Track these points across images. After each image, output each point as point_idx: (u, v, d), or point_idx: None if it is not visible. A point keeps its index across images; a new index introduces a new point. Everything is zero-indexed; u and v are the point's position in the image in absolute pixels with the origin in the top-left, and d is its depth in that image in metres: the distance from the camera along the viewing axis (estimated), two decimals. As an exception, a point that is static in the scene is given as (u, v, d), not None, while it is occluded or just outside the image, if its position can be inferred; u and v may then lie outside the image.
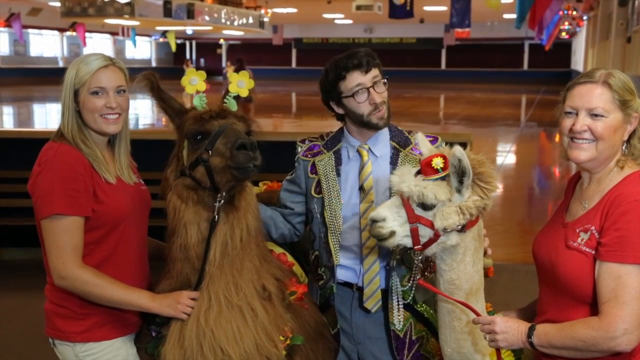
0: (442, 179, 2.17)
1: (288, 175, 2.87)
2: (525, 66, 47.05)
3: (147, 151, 3.08)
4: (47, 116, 22.32)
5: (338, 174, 2.73)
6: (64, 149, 2.37)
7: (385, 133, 2.76)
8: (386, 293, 2.69)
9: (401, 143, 2.75)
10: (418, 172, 2.22)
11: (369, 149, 2.73)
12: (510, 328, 2.14)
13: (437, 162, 2.17)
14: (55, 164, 2.34)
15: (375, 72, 2.65)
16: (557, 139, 17.52)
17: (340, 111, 2.73)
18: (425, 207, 2.17)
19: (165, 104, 2.45)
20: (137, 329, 2.55)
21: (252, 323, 2.37)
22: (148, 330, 2.49)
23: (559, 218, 2.29)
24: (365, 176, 2.70)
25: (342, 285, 2.73)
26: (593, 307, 2.09)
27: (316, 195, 2.74)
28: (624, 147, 2.18)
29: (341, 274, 2.73)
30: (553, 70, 43.79)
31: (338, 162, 2.75)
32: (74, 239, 2.34)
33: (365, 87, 2.62)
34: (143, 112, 22.25)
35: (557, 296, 2.20)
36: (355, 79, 2.63)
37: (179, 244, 2.38)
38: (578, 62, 37.34)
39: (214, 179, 2.29)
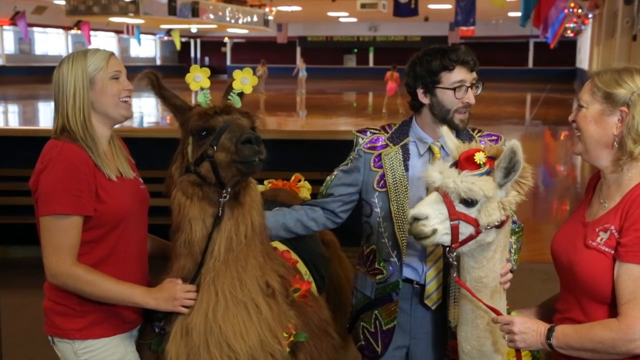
0: (481, 174, 2.13)
1: (342, 166, 2.82)
2: (530, 64, 46.93)
3: (152, 149, 3.08)
4: (52, 114, 22.32)
5: (406, 169, 2.68)
6: (68, 148, 2.36)
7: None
8: (443, 290, 2.69)
9: (466, 141, 2.71)
10: (452, 166, 2.18)
11: (441, 146, 2.68)
12: (529, 329, 2.12)
13: (480, 157, 2.13)
14: (59, 163, 2.33)
15: (475, 75, 2.64)
16: (562, 137, 17.50)
17: (425, 100, 2.66)
18: (468, 203, 2.12)
19: (168, 101, 2.45)
20: (136, 327, 2.54)
21: (256, 319, 2.37)
22: (151, 327, 2.48)
23: (580, 217, 2.25)
24: None
25: (403, 282, 2.72)
26: (612, 307, 2.06)
27: (379, 189, 2.69)
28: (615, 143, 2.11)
29: (403, 271, 2.71)
30: (558, 69, 43.69)
31: (406, 157, 2.70)
32: (71, 239, 2.33)
33: (466, 86, 2.61)
34: (147, 110, 22.27)
35: (576, 296, 2.17)
36: (461, 74, 2.61)
37: (183, 239, 2.37)
38: (583, 60, 37.23)
39: (219, 175, 2.28)
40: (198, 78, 2.47)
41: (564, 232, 2.29)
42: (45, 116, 22.40)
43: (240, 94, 2.50)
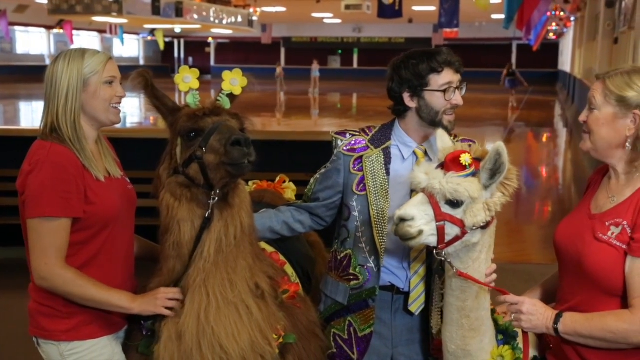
0: (467, 175, 2.15)
1: (322, 168, 2.81)
2: (514, 66, 47.20)
3: (138, 150, 3.07)
4: (34, 114, 22.13)
5: (387, 173, 2.65)
6: (56, 149, 2.33)
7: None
8: (426, 295, 2.68)
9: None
10: (438, 168, 2.20)
11: (426, 151, 2.68)
12: (537, 312, 2.18)
13: (466, 159, 2.15)
14: (47, 165, 2.30)
15: (460, 76, 2.65)
16: (544, 139, 17.65)
17: (411, 104, 2.64)
18: (454, 204, 2.14)
19: (159, 102, 2.43)
20: (122, 328, 2.53)
21: (247, 320, 2.36)
22: (139, 328, 2.47)
23: (585, 209, 2.29)
24: None
25: (381, 289, 2.69)
26: (622, 299, 2.12)
27: (358, 193, 2.67)
28: (628, 144, 2.16)
29: (382, 277, 2.68)
30: (540, 71, 43.96)
31: (387, 160, 2.67)
32: (59, 241, 2.31)
33: (453, 87, 2.61)
34: (130, 110, 22.13)
35: (582, 286, 2.21)
36: (449, 76, 2.61)
37: (172, 241, 2.36)
38: (565, 62, 37.50)
39: (208, 176, 2.28)
40: (187, 79, 2.46)
41: (568, 224, 2.33)
42: (27, 116, 22.21)
43: (231, 95, 2.50)
